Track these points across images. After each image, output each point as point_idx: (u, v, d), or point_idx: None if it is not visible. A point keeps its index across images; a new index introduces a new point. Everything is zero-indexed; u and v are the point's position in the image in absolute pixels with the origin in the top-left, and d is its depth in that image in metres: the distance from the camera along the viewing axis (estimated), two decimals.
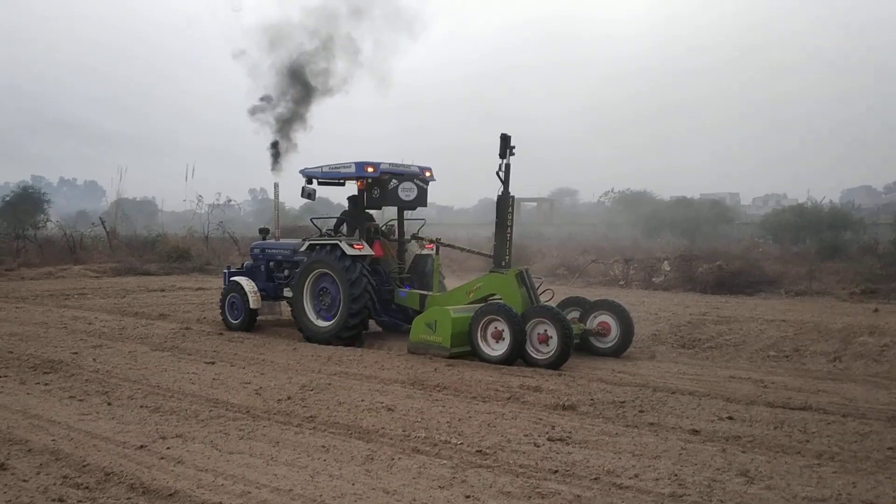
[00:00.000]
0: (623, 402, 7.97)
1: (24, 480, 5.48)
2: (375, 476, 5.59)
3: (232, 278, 13.56)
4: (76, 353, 10.70)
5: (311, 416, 7.27)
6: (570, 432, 6.77)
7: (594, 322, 10.89)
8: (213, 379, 9.05)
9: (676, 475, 5.59)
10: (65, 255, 26.70)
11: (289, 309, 13.95)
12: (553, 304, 11.02)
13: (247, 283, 13.13)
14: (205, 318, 14.84)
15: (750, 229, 45.52)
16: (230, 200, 37.88)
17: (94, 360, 10.23)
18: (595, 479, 5.51)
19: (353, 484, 5.41)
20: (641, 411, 7.61)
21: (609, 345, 10.80)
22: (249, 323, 13.07)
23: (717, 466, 5.82)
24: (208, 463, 5.86)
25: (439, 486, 5.38)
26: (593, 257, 26.93)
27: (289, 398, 8.06)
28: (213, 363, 10.12)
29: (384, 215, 14.81)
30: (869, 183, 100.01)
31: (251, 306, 12.94)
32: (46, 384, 8.75)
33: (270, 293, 13.45)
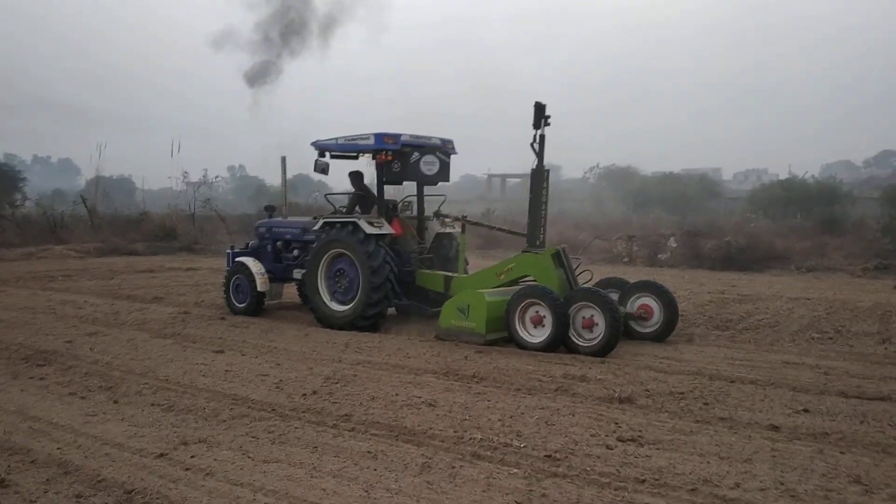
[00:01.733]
0: (682, 393, 7.28)
1: (32, 501, 4.69)
2: (439, 489, 4.85)
3: (237, 259, 12.69)
4: (70, 341, 9.85)
5: (345, 415, 6.51)
6: (639, 431, 6.07)
7: (635, 305, 10.16)
8: (226, 371, 8.25)
9: (782, 483, 4.90)
10: (45, 235, 25.60)
11: (289, 291, 13.23)
12: (591, 285, 10.31)
13: (253, 265, 12.28)
14: (202, 301, 14.01)
15: (738, 204, 45.15)
16: (217, 177, 36.64)
17: (90, 349, 9.40)
18: (692, 489, 4.81)
19: (417, 500, 4.67)
20: (706, 404, 6.92)
21: (651, 329, 10.08)
22: (256, 307, 12.25)
23: (822, 472, 5.13)
24: (243, 475, 5.09)
25: (516, 502, 4.65)
26: (596, 234, 26.32)
27: (314, 392, 7.29)
28: (221, 352, 9.31)
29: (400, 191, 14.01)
30: (848, 158, 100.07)
31: (258, 289, 12.11)
32: (42, 378, 7.93)
33: (278, 275, 12.62)
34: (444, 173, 11.54)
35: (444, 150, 11.51)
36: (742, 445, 5.71)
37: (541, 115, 10.06)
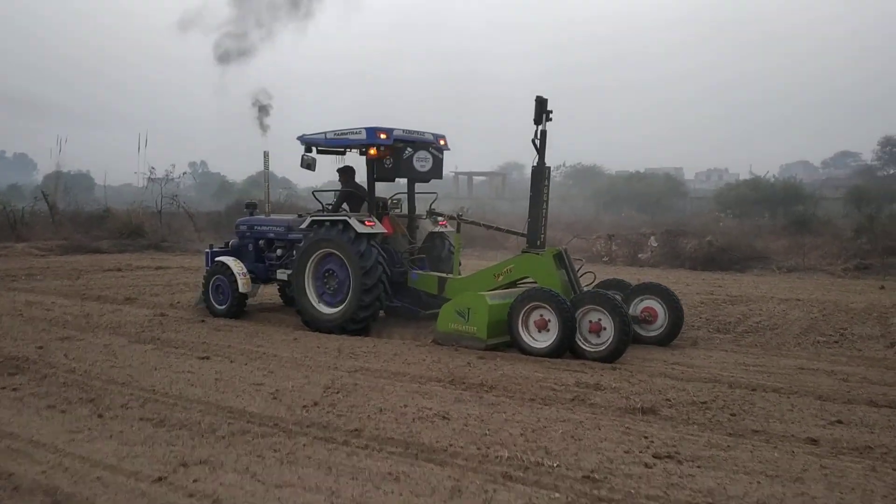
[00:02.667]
0: (705, 402, 6.92)
1: None
2: None
3: (216, 259, 12.04)
4: (41, 347, 9.20)
5: (355, 430, 6.01)
6: (673, 446, 5.67)
7: (638, 307, 9.80)
8: (216, 380, 7.70)
9: None
10: (4, 232, 24.58)
11: (266, 290, 12.76)
12: (591, 287, 9.96)
13: (234, 265, 11.67)
14: (178, 302, 13.36)
15: (704, 203, 45.41)
16: (185, 172, 35.64)
17: (65, 355, 8.77)
18: None
19: None
20: (733, 415, 6.57)
21: (655, 333, 9.73)
22: (238, 308, 11.66)
23: (882, 493, 4.78)
24: (255, 502, 4.58)
25: None
26: (570, 233, 26.09)
27: (315, 404, 6.78)
28: (207, 358, 8.75)
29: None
30: (806, 158, 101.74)
31: (240, 290, 11.51)
32: (15, 389, 7.30)
33: (260, 275, 12.04)
34: (437, 170, 11.07)
35: (436, 145, 11.05)
36: (787, 462, 5.34)
37: (542, 110, 9.67)
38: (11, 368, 8.07)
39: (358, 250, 10.08)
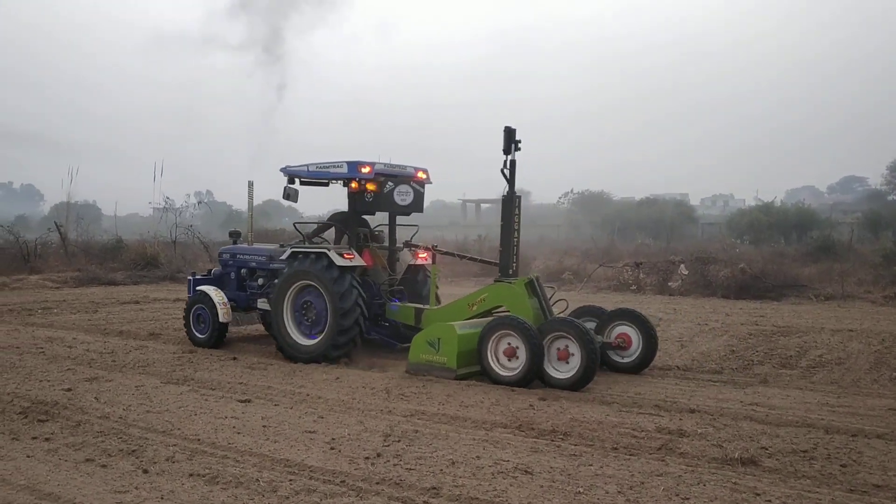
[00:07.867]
0: (805, 451, 6.30)
1: None
2: None
3: (198, 287, 11.90)
4: (69, 389, 8.62)
5: (433, 488, 5.39)
6: None
7: (612, 334, 9.73)
8: (264, 426, 7.09)
9: None
10: (18, 264, 23.94)
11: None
12: (566, 315, 9.89)
13: (215, 294, 11.56)
14: None
15: (715, 229, 44.81)
16: (200, 202, 35.21)
17: (96, 398, 8.18)
18: None
19: None
20: (844, 466, 5.94)
21: (629, 359, 9.69)
22: (218, 338, 11.49)
23: None
24: None
25: None
26: (585, 259, 25.59)
27: (378, 455, 6.17)
28: (248, 401, 8.14)
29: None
30: (811, 183, 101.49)
31: (220, 319, 11.36)
32: (47, 439, 6.70)
33: (241, 304, 11.93)
34: (417, 204, 11.06)
35: (417, 179, 11.04)
36: None
37: (511, 140, 9.69)
38: (41, 415, 7.47)
39: (332, 277, 10.01)
